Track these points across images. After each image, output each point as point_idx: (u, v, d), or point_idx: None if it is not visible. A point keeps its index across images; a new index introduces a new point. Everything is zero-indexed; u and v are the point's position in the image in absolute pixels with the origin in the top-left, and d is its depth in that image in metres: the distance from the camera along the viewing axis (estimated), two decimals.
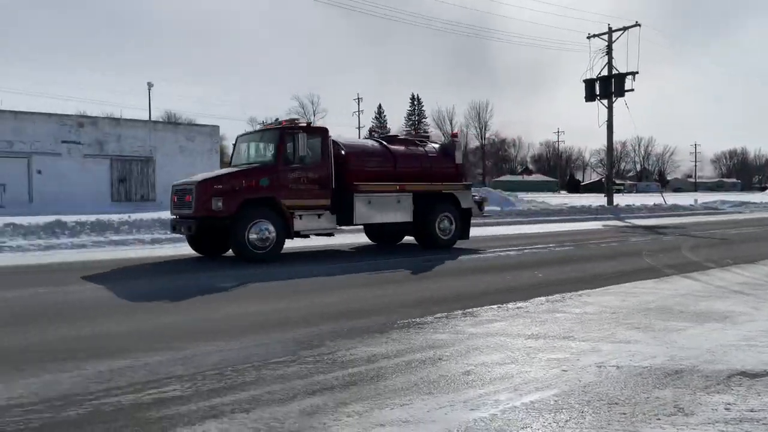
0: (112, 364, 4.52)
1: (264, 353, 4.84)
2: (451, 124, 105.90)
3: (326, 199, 11.49)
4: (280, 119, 12.35)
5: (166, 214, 15.36)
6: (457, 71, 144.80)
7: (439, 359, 4.66)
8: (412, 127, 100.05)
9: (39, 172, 28.78)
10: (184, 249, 12.44)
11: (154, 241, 14.39)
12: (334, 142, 12.01)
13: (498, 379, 4.18)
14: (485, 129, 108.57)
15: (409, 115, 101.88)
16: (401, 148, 13.07)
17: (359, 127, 78.15)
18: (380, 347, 5.02)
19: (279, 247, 10.85)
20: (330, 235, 12.12)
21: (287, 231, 10.95)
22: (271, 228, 10.66)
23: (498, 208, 26.70)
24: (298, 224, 11.14)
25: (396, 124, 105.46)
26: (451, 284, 8.41)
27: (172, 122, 50.90)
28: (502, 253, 12.37)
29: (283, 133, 11.36)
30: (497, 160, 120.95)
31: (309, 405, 3.68)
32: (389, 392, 3.91)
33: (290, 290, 7.98)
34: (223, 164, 37.09)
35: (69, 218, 15.91)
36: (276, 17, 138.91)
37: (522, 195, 42.62)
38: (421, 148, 13.31)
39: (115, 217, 16.78)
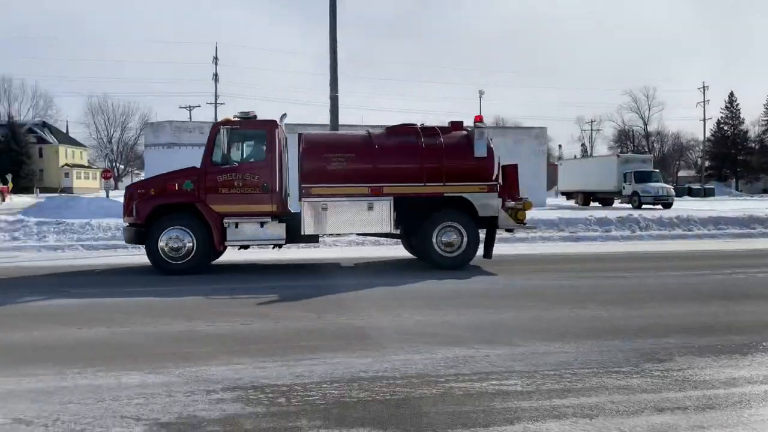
0: (457, 352, 4.91)
1: (603, 360, 4.67)
2: None
3: (270, 205, 9.95)
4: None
5: None
6: None
7: None
8: None
9: None
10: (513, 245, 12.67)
11: None
12: (298, 135, 10.47)
13: None
14: None
15: None
16: (390, 140, 10.45)
17: (704, 120, 69.41)
18: (742, 370, 4.38)
19: (200, 258, 9.75)
20: (278, 246, 10.70)
21: (212, 241, 9.73)
22: (188, 237, 9.63)
23: None
24: (232, 233, 9.82)
25: (753, 114, 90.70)
26: None
27: (500, 126, 52.87)
28: None
29: (213, 129, 10.20)
30: None
31: (659, 422, 3.42)
32: (758, 423, 3.38)
33: (599, 296, 7.52)
34: (549, 166, 37.06)
35: None
36: (601, 6, 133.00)
37: None
38: (424, 140, 10.33)
39: None
